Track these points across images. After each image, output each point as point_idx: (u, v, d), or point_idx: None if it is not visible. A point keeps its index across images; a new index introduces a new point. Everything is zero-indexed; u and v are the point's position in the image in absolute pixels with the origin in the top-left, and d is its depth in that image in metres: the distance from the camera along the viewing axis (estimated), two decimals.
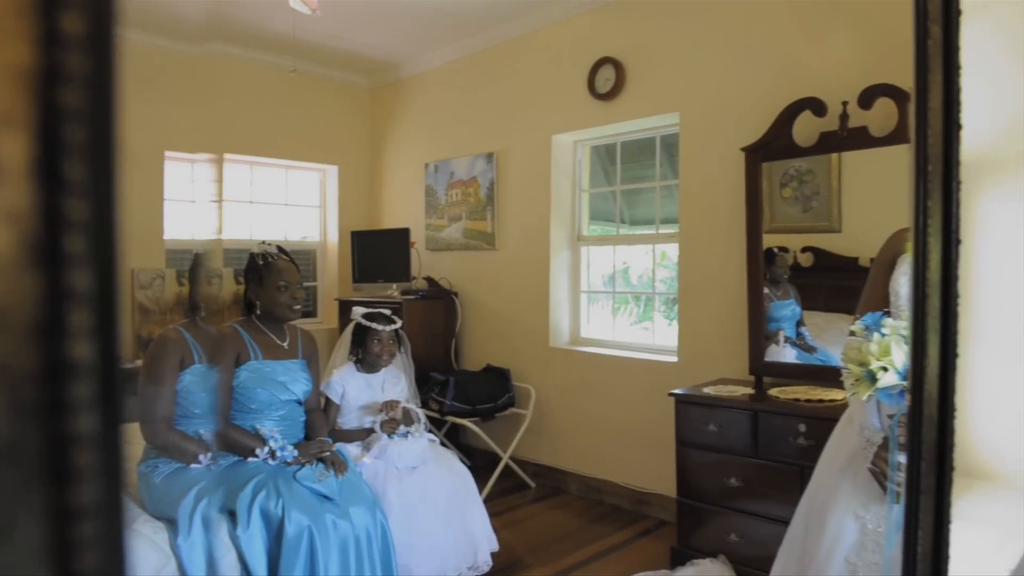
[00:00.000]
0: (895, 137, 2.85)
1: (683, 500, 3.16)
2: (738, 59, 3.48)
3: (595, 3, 4.08)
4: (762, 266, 3.29)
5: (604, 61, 4.04)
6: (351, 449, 2.88)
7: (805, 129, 3.16)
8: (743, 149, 3.31)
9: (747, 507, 2.94)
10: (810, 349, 3.28)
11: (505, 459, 4.28)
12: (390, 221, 5.62)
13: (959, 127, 0.72)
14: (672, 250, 4.07)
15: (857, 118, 2.98)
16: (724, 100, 3.54)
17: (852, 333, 1.60)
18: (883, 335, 1.50)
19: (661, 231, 4.13)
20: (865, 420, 1.70)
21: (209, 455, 2.43)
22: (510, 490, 4.33)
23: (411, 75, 5.43)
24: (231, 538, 2.27)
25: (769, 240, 3.32)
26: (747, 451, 2.94)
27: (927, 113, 0.69)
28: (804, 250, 3.27)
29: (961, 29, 0.74)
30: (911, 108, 0.81)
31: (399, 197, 5.59)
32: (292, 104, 5.33)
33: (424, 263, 5.14)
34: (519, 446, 4.35)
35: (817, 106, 3.08)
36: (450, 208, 5.08)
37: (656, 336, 4.23)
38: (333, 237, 5.74)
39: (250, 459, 2.46)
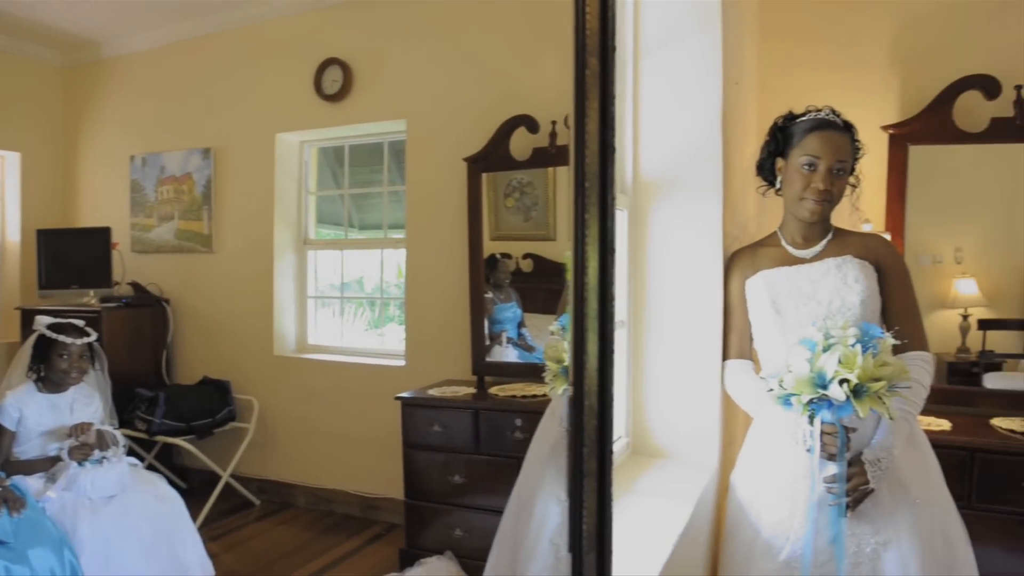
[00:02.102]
0: None
1: (411, 502, 3.20)
2: (462, 73, 3.63)
3: (324, 1, 3.99)
4: (483, 271, 3.46)
5: (331, 62, 3.97)
6: (32, 482, 2.53)
7: (521, 144, 3.39)
8: (465, 159, 3.46)
9: (471, 502, 3.07)
10: (530, 348, 3.51)
11: (225, 477, 4.00)
12: (87, 219, 4.99)
13: (613, 149, 0.82)
14: (403, 255, 4.12)
15: (565, 136, 3.26)
16: (449, 111, 3.66)
17: (552, 333, 1.74)
18: None
19: (390, 236, 4.16)
20: (563, 412, 1.85)
21: None
22: (232, 510, 4.07)
23: (116, 56, 4.86)
24: None
25: (495, 247, 3.50)
26: (470, 448, 3.06)
27: (585, 135, 0.77)
28: (525, 256, 3.49)
29: (616, 62, 0.84)
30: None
31: (98, 192, 4.98)
32: None
33: (129, 267, 4.62)
34: (241, 462, 4.10)
35: (531, 123, 3.33)
36: (160, 206, 4.64)
37: (389, 341, 4.24)
38: (14, 236, 4.95)
39: None
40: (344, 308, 4.48)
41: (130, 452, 3.13)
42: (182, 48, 4.57)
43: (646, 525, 1.56)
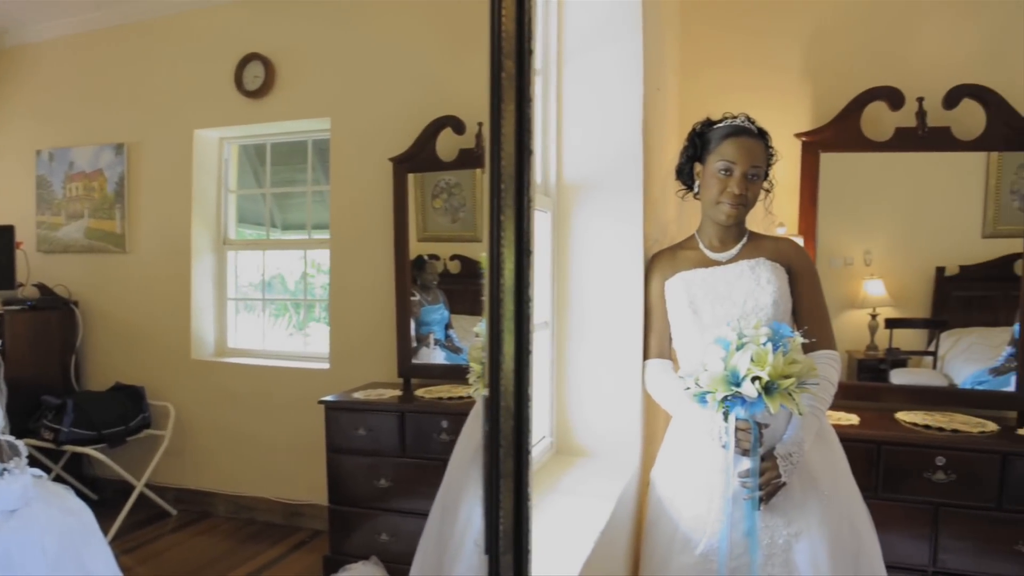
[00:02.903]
0: None
1: (335, 507, 3.14)
2: (387, 71, 3.59)
3: None
4: (409, 272, 3.43)
5: (253, 57, 3.86)
6: None
7: (448, 144, 3.38)
8: (391, 159, 3.42)
9: (397, 506, 3.03)
10: (457, 350, 3.50)
11: (139, 487, 3.83)
12: None
13: (530, 152, 0.82)
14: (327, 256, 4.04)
15: None
16: (374, 110, 3.61)
17: (477, 335, 1.73)
18: None
19: (314, 236, 4.08)
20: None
21: None
22: (147, 521, 3.91)
23: (20, 45, 4.59)
24: None
25: (422, 248, 3.47)
26: (396, 451, 3.03)
27: (500, 138, 0.77)
28: (453, 258, 3.48)
29: (533, 65, 0.84)
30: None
31: (0, 188, 4.69)
32: None
33: (34, 267, 4.37)
34: (157, 471, 3.94)
35: (457, 124, 3.32)
36: (69, 204, 4.41)
37: (313, 343, 4.15)
38: None
39: None
40: (266, 310, 4.36)
41: (36, 463, 2.97)
42: (94, 38, 4.35)
43: (568, 523, 1.57)
